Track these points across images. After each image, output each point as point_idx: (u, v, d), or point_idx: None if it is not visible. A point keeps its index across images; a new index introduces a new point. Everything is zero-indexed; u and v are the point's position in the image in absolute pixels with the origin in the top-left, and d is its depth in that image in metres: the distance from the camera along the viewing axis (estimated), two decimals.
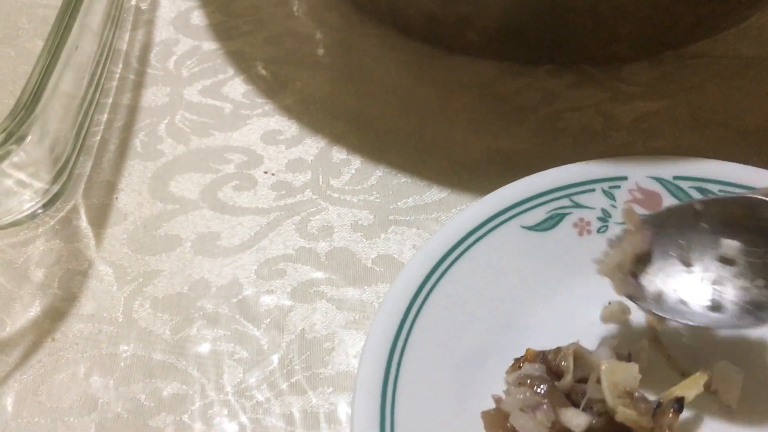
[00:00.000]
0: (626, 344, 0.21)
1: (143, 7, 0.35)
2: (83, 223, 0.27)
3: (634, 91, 0.30)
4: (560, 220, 0.24)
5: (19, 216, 0.26)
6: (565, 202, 0.24)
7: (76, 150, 0.27)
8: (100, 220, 0.27)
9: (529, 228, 0.23)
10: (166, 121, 0.30)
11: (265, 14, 0.34)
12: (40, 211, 0.26)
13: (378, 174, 0.28)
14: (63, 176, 0.26)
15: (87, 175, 0.28)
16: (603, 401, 0.19)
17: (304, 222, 0.27)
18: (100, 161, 0.29)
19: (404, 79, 0.32)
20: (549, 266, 0.23)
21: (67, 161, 0.26)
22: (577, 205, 0.24)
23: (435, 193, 0.27)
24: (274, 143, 0.29)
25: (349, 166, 0.28)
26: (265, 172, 0.28)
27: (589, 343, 0.21)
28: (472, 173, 0.28)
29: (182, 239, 0.26)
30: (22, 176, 0.26)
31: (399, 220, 0.26)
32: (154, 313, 0.24)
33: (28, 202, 0.26)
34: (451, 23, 0.30)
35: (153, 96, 0.31)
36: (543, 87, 0.31)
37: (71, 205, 0.27)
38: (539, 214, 0.24)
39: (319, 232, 0.26)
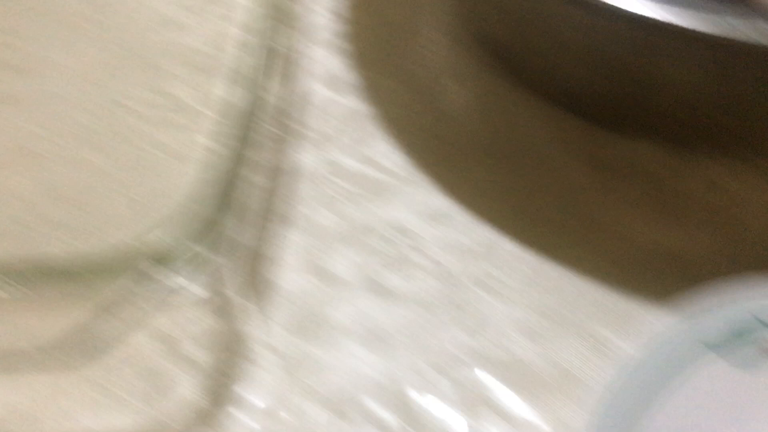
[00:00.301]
0: None
1: (293, 59, 0.33)
2: (233, 294, 0.26)
3: None
4: None
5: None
6: None
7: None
8: (250, 293, 0.26)
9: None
10: (315, 185, 0.29)
11: (420, 79, 0.33)
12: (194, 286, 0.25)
13: (554, 275, 0.27)
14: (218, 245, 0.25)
15: (244, 245, 0.27)
16: None
17: (461, 312, 0.25)
18: (252, 227, 0.28)
19: (566, 161, 0.30)
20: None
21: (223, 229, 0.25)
22: None
23: (599, 294, 0.26)
24: (432, 223, 0.28)
25: (521, 262, 0.27)
26: (425, 256, 0.27)
27: None
28: (642, 273, 0.26)
29: (343, 325, 0.25)
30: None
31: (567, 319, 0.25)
32: (315, 407, 0.23)
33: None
34: (622, 104, 0.29)
35: (301, 157, 0.30)
36: (710, 177, 0.29)
37: (228, 279, 0.26)
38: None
39: (478, 326, 0.25)
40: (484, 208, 0.29)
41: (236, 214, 0.26)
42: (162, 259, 0.20)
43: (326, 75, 0.33)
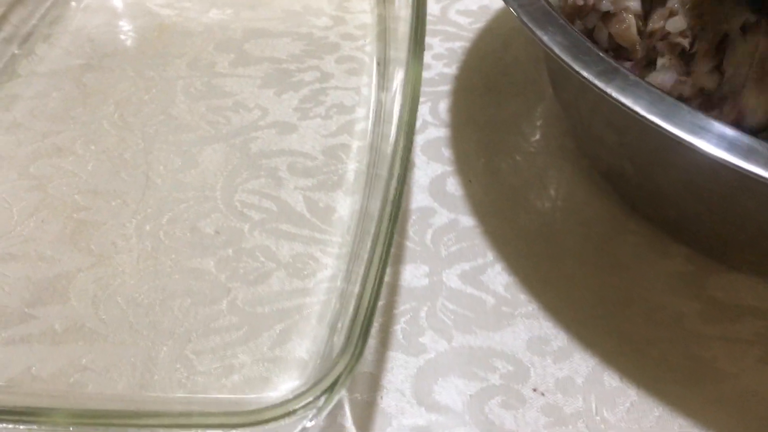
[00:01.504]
0: None
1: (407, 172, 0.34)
2: (348, 422, 0.25)
3: None
4: None
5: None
6: None
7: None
8: (365, 422, 0.25)
9: None
10: (426, 308, 0.29)
11: (524, 194, 0.33)
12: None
13: (656, 413, 0.26)
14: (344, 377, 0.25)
15: (363, 373, 0.27)
16: None
17: None
18: (376, 357, 0.27)
19: (672, 292, 0.29)
20: None
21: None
22: None
23: None
24: (540, 354, 0.28)
25: (624, 397, 0.26)
26: (534, 390, 0.27)
27: None
28: (763, 428, 0.25)
29: None
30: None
31: None
32: None
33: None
34: (739, 244, 0.28)
35: (411, 275, 0.30)
36: None
37: (337, 399, 0.26)
38: None
39: None
40: (589, 338, 0.28)
41: (365, 342, 0.26)
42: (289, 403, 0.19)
43: (438, 189, 0.33)
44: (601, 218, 0.32)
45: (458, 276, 0.30)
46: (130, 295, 0.28)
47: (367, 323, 0.20)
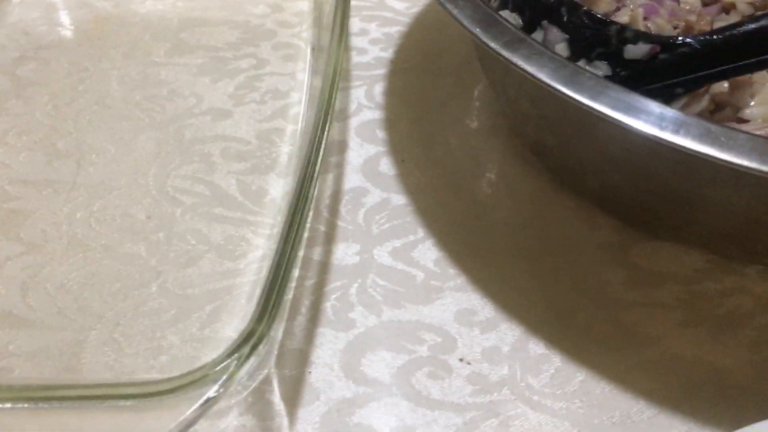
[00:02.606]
0: None
1: (331, 150, 0.34)
2: (276, 398, 0.26)
3: None
4: None
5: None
6: None
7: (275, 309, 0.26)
8: (292, 396, 0.26)
9: None
10: (356, 284, 0.29)
11: (457, 173, 0.33)
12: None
13: (579, 378, 0.27)
14: (267, 350, 0.25)
15: (279, 341, 0.27)
16: None
17: (503, 427, 0.25)
18: (292, 325, 0.28)
19: (598, 262, 0.30)
20: None
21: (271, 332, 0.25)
22: None
23: (643, 410, 0.26)
24: (468, 325, 0.28)
25: (548, 364, 0.27)
26: (460, 360, 0.27)
27: None
28: (684, 391, 0.26)
29: (376, 431, 0.25)
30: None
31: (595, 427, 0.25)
32: None
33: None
34: (660, 212, 0.29)
35: (343, 253, 0.30)
36: (756, 292, 0.29)
37: (264, 375, 0.26)
38: None
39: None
40: (516, 309, 0.29)
41: (285, 315, 0.26)
42: (208, 368, 0.20)
43: (371, 170, 0.33)
44: (531, 194, 0.32)
45: (389, 253, 0.30)
46: (59, 281, 0.28)
47: (278, 290, 0.21)
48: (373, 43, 0.40)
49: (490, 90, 0.37)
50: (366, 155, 0.34)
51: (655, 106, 0.21)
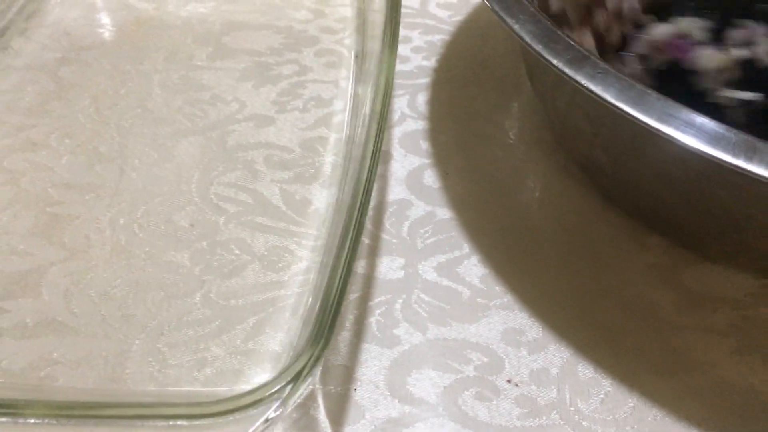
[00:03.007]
0: None
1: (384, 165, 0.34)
2: (321, 415, 0.25)
3: None
4: None
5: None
6: None
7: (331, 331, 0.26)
8: (337, 414, 0.25)
9: None
10: (401, 300, 0.29)
11: (502, 186, 0.33)
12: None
13: (631, 403, 0.26)
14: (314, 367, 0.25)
15: (336, 365, 0.27)
16: None
17: None
18: (337, 340, 0.27)
19: (648, 283, 0.29)
20: None
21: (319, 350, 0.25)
22: None
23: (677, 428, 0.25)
24: (515, 345, 0.27)
25: (598, 388, 0.26)
26: (508, 381, 0.26)
27: None
28: (738, 420, 0.25)
29: None
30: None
31: None
32: None
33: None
34: (713, 234, 0.28)
35: (387, 267, 0.30)
36: None
37: (309, 391, 0.26)
38: None
39: None
40: (564, 329, 0.28)
41: (332, 332, 0.26)
42: (266, 389, 0.19)
43: (415, 181, 0.33)
44: (577, 210, 0.32)
45: (434, 268, 0.30)
46: (103, 288, 0.28)
47: (334, 313, 0.20)
48: (416, 51, 0.39)
49: (534, 101, 0.36)
50: (410, 167, 0.34)
51: (726, 131, 0.20)
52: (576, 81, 0.22)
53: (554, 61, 0.23)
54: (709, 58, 0.30)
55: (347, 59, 0.38)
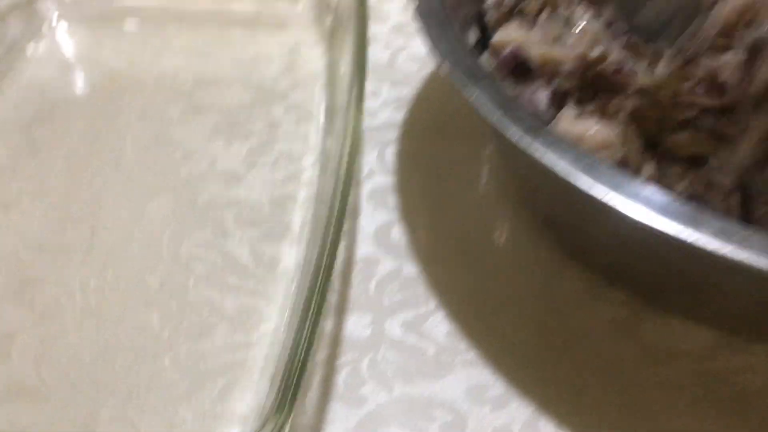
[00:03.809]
0: None
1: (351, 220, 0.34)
2: None
3: None
4: None
5: None
6: None
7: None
8: None
9: None
10: (368, 358, 0.29)
11: (468, 242, 0.33)
12: None
13: None
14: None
15: (292, 415, 0.27)
16: None
17: None
18: (303, 400, 0.28)
19: (609, 338, 0.30)
20: None
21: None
22: None
23: None
24: (479, 402, 0.28)
25: None
26: None
27: None
28: None
29: None
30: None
31: None
32: None
33: None
34: (671, 291, 0.29)
35: (354, 325, 0.30)
36: (764, 371, 0.29)
37: None
38: None
39: None
40: (527, 385, 0.29)
41: (296, 398, 0.26)
42: None
43: (383, 237, 0.34)
44: (541, 265, 0.33)
45: (400, 325, 0.30)
46: (73, 352, 0.28)
47: (298, 377, 0.21)
48: (385, 105, 0.40)
49: (499, 156, 0.37)
50: (378, 222, 0.34)
51: (671, 202, 0.21)
52: (529, 154, 0.23)
53: (509, 132, 0.24)
54: None
55: (317, 114, 0.39)
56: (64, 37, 0.43)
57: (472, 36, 0.31)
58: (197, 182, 0.35)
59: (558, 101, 0.33)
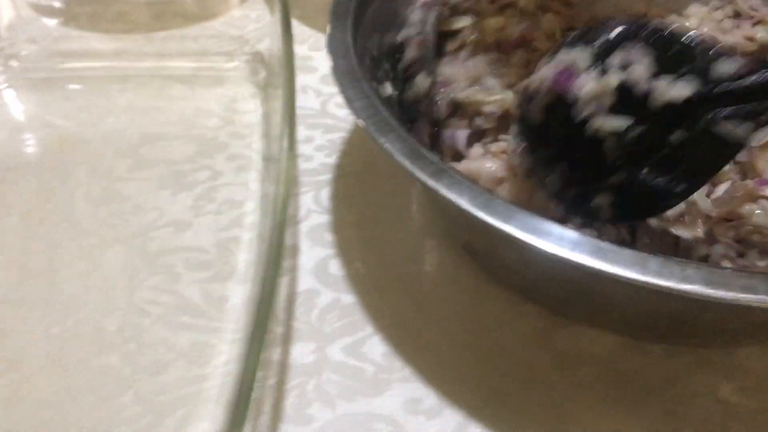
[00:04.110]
0: None
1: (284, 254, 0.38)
2: None
3: (753, 381, 0.33)
4: None
5: None
6: None
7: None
8: None
9: None
10: (313, 381, 0.32)
11: (399, 270, 0.37)
12: None
13: None
14: None
15: None
16: None
17: None
18: (257, 423, 0.31)
19: (526, 347, 0.34)
20: None
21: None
22: None
23: None
24: (414, 413, 0.31)
25: None
26: None
27: None
28: None
29: None
30: None
31: None
32: None
33: None
34: (578, 305, 0.33)
35: (300, 352, 0.33)
36: (662, 368, 0.33)
37: None
38: None
39: None
40: (457, 395, 0.32)
41: (250, 417, 0.29)
42: None
43: (321, 271, 0.37)
44: (465, 287, 0.36)
45: (341, 349, 0.34)
46: (40, 396, 0.30)
47: (245, 403, 0.24)
48: (318, 149, 0.44)
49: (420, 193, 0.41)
50: (317, 258, 0.38)
51: (556, 228, 0.25)
52: (437, 191, 0.27)
53: (418, 175, 0.27)
54: (585, 85, 0.30)
55: (256, 162, 0.42)
56: (12, 101, 0.45)
57: (388, 88, 0.35)
58: (148, 231, 0.38)
59: (475, 139, 0.37)
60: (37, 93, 0.46)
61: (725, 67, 0.27)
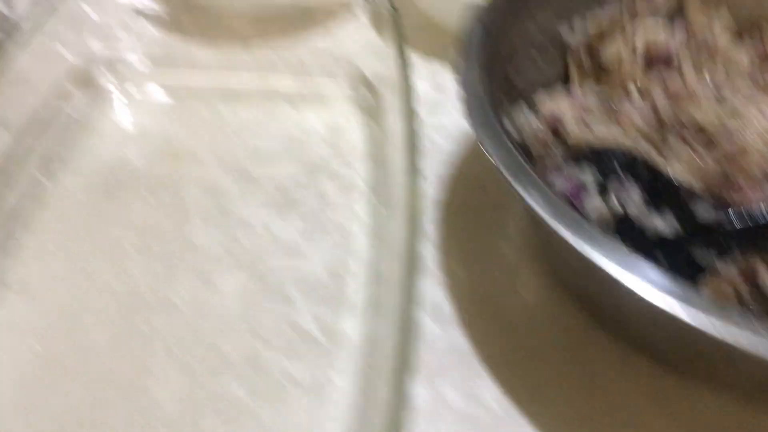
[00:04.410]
0: None
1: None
2: None
3: None
4: None
5: None
6: None
7: None
8: None
9: None
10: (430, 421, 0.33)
11: (502, 312, 0.37)
12: None
13: None
14: None
15: None
16: None
17: None
18: None
19: (640, 407, 0.34)
20: None
21: None
22: None
23: None
24: None
25: None
26: None
27: None
28: None
29: None
30: None
31: None
32: None
33: None
34: (696, 365, 0.33)
35: (418, 392, 0.34)
36: None
37: None
38: None
39: None
40: None
41: None
42: None
43: (432, 307, 0.37)
44: (570, 330, 0.36)
45: (454, 390, 0.34)
46: (164, 416, 0.31)
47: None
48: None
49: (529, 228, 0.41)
50: (431, 294, 0.38)
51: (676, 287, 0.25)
52: (578, 251, 0.27)
53: (563, 233, 0.27)
54: (593, 208, 0.33)
55: (361, 187, 0.42)
56: (120, 109, 0.46)
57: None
58: (262, 256, 0.38)
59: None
60: (145, 103, 0.46)
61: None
